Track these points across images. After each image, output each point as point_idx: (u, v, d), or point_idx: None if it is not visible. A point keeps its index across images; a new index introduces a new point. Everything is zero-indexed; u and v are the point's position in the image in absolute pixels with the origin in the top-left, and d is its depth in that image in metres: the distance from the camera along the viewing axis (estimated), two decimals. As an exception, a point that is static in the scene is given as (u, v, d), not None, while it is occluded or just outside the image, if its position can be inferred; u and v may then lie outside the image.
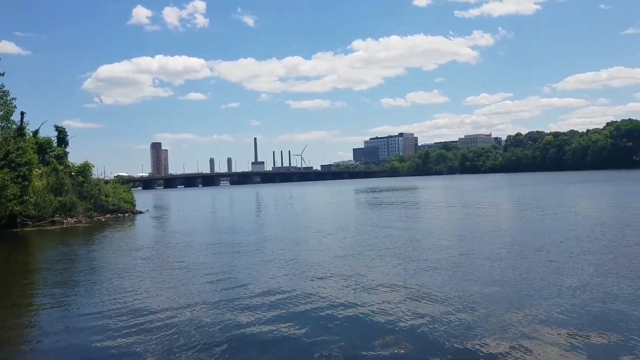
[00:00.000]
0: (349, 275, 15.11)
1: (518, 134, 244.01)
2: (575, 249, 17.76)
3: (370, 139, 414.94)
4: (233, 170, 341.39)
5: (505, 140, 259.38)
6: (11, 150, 35.14)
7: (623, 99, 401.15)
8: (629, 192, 50.36)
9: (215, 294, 13.47)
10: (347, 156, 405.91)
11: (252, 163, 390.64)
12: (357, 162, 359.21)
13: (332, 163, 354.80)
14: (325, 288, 13.53)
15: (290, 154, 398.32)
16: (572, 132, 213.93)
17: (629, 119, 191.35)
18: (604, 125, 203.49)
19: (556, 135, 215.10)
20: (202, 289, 14.17)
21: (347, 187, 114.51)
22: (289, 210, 50.92)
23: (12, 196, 32.61)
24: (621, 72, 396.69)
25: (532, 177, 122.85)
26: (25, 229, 36.45)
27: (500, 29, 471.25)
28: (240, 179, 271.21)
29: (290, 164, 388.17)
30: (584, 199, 45.00)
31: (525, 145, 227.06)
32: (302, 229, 30.53)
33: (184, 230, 31.73)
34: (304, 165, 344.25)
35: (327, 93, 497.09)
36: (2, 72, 33.11)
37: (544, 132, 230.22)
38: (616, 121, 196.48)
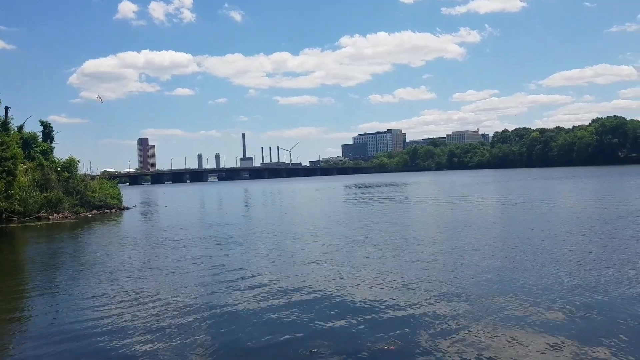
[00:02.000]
0: (340, 268, 15.12)
1: (505, 131, 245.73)
2: (562, 241, 17.91)
3: (359, 135, 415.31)
4: (221, 166, 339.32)
5: (492, 137, 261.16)
6: (-5, 145, 34.62)
7: (608, 96, 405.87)
8: (614, 188, 50.93)
9: (203, 286, 13.39)
10: (335, 152, 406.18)
11: (241, 159, 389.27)
12: (346, 158, 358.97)
13: (321, 159, 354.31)
14: (316, 280, 13.51)
15: (279, 149, 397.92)
16: (558, 129, 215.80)
17: (614, 115, 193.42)
18: (590, 121, 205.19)
19: (542, 131, 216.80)
20: (189, 282, 14.05)
21: (336, 183, 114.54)
22: (277, 206, 50.83)
23: (-4, 192, 32.15)
24: (606, 70, 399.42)
25: (519, 173, 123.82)
26: (10, 225, 35.94)
27: (486, 26, 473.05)
28: (228, 174, 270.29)
29: (279, 159, 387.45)
30: (571, 194, 45.41)
31: (512, 142, 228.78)
32: (289, 225, 30.41)
33: (172, 226, 31.50)
34: (292, 161, 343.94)
35: (315, 89, 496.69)
36: (-15, 66, 32.58)
37: (530, 128, 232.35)
38: (601, 118, 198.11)
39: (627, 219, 24.33)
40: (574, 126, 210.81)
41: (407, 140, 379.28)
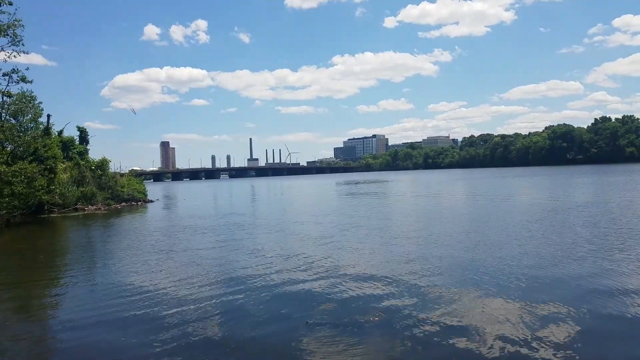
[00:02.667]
0: (333, 251, 15.07)
1: (472, 136, 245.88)
2: (520, 228, 17.93)
3: (348, 139, 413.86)
4: (231, 165, 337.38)
5: (461, 141, 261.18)
6: (39, 147, 34.39)
7: (558, 107, 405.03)
8: (563, 184, 51.16)
9: (217, 266, 13.33)
10: (328, 154, 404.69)
11: (248, 159, 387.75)
12: (338, 159, 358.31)
13: (316, 160, 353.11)
14: (312, 263, 13.46)
15: (282, 150, 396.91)
16: (517, 135, 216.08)
17: (564, 123, 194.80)
18: (543, 129, 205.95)
19: (503, 137, 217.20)
20: (206, 262, 13.98)
21: (329, 180, 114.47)
22: (280, 200, 50.69)
23: (40, 187, 31.96)
24: (557, 85, 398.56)
25: (484, 172, 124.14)
26: (52, 215, 35.75)
27: (456, 47, 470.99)
28: (237, 173, 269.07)
29: (280, 160, 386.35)
30: (527, 189, 45.57)
31: (477, 145, 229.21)
32: (290, 215, 30.31)
33: (190, 216, 31.34)
34: (292, 162, 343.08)
35: (311, 100, 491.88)
36: (30, 80, 31.95)
37: (493, 134, 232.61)
38: (553, 126, 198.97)
39: (575, 209, 24.42)
40: (529, 132, 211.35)
41: (389, 144, 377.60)
